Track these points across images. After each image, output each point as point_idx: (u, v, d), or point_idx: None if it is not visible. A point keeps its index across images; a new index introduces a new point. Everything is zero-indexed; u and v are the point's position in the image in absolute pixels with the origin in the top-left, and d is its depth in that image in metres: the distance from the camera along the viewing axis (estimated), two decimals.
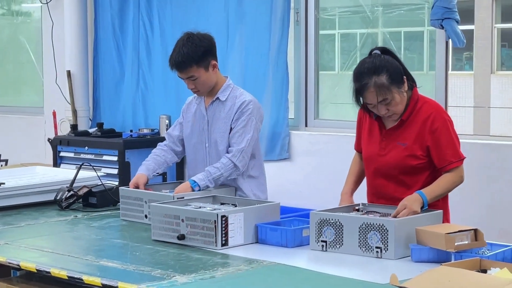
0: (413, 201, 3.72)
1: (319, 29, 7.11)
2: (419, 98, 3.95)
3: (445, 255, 3.26)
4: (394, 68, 3.84)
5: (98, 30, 8.11)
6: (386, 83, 3.79)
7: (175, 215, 3.75)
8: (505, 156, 5.77)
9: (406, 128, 3.92)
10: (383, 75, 3.79)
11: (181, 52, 4.41)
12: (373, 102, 3.83)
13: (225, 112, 4.55)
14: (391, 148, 3.95)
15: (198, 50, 4.42)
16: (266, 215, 3.83)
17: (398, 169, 3.92)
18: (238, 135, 4.49)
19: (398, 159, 3.92)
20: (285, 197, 6.41)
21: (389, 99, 3.82)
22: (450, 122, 3.94)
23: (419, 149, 3.89)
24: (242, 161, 4.48)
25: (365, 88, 3.80)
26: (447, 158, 3.88)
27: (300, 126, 6.99)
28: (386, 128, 3.98)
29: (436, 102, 4.08)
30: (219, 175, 4.42)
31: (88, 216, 4.50)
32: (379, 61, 3.83)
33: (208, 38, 4.52)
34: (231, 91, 4.59)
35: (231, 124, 4.52)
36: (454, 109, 17.53)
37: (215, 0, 7.26)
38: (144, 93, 7.82)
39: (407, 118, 3.92)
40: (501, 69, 19.61)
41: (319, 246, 3.58)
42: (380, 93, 3.79)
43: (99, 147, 7.19)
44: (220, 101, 4.57)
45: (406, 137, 3.92)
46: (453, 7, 5.64)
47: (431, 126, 3.88)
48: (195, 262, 3.42)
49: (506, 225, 5.73)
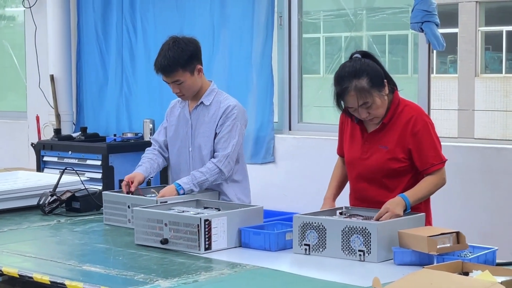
0: (396, 204, 3.72)
1: (303, 32, 7.13)
2: (400, 101, 3.96)
3: (427, 258, 3.26)
4: (375, 72, 3.85)
5: (81, 34, 8.10)
6: (367, 86, 3.80)
7: (158, 219, 3.75)
8: (489, 159, 5.79)
9: (387, 131, 3.93)
10: (364, 79, 3.80)
11: (167, 56, 4.40)
12: (353, 105, 3.84)
13: (209, 116, 4.55)
14: (373, 152, 3.95)
15: (184, 54, 4.42)
16: (249, 219, 3.83)
17: (381, 172, 3.93)
18: (223, 141, 4.50)
19: (380, 163, 3.93)
20: (270, 200, 6.43)
21: (370, 103, 3.82)
22: (431, 124, 3.95)
23: (401, 152, 3.91)
24: (227, 166, 4.49)
25: (345, 92, 3.81)
26: (429, 161, 3.89)
27: (284, 129, 7.00)
28: (367, 132, 3.99)
29: (417, 105, 4.09)
30: (204, 179, 4.42)
31: (71, 220, 4.48)
32: (359, 65, 3.84)
33: (194, 42, 4.52)
34: (215, 96, 4.59)
35: (216, 129, 4.52)
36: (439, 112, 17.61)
37: (198, 4, 7.26)
38: (127, 97, 7.81)
39: (388, 121, 3.93)
40: (485, 72, 19.70)
41: (302, 250, 3.58)
42: (360, 97, 3.80)
43: (82, 151, 7.17)
44: (204, 105, 4.57)
45: (387, 140, 3.93)
46: (433, 10, 5.65)
47: (412, 129, 3.89)
48: (178, 266, 3.41)
49: (489, 228, 5.75)
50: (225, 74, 7.03)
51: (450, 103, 18.70)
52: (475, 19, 19.29)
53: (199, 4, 7.26)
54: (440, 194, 4.15)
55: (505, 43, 19.45)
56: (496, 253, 3.32)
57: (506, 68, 19.70)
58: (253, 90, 6.94)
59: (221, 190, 4.56)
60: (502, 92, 18.82)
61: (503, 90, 18.83)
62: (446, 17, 18.65)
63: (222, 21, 7.11)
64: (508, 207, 5.66)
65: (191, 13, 7.31)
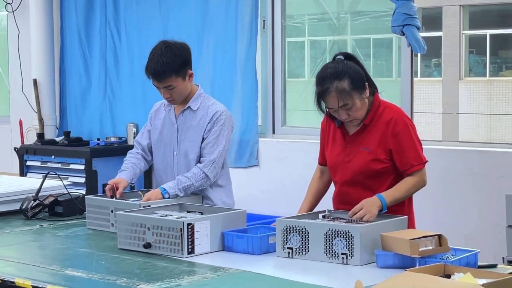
0: (371, 203, 3.74)
1: (287, 36, 7.14)
2: (381, 103, 3.98)
3: (409, 260, 3.27)
4: (356, 74, 3.86)
5: (64, 38, 8.07)
6: (348, 88, 3.81)
7: (141, 223, 3.74)
8: (473, 162, 5.81)
9: (368, 133, 3.95)
10: (345, 81, 3.82)
11: (160, 61, 4.38)
12: (334, 106, 3.85)
13: (196, 121, 4.55)
14: (355, 154, 3.96)
15: (178, 59, 4.41)
16: (232, 223, 3.83)
17: (363, 174, 3.94)
18: (210, 146, 4.50)
19: (362, 164, 3.93)
20: (253, 204, 6.43)
21: (350, 105, 3.84)
22: (411, 125, 3.97)
23: (382, 153, 3.92)
24: (213, 171, 4.50)
25: (326, 93, 3.83)
26: (409, 161, 3.91)
27: (268, 133, 7.01)
28: (349, 135, 4.00)
29: (398, 106, 4.10)
30: (189, 184, 4.42)
31: (54, 225, 4.47)
32: (341, 67, 3.85)
33: (186, 48, 4.52)
34: (202, 100, 4.59)
35: (203, 134, 4.52)
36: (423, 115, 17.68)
37: (182, 7, 7.26)
38: (111, 101, 7.80)
39: (369, 122, 3.94)
40: (469, 76, 19.77)
41: (285, 253, 3.58)
42: (341, 98, 3.81)
43: (66, 155, 7.15)
44: (191, 110, 4.57)
45: (369, 142, 3.94)
46: (414, 13, 5.66)
47: (393, 130, 3.91)
48: (161, 270, 3.40)
49: (471, 231, 5.77)
50: (209, 77, 7.03)
51: (434, 107, 18.77)
52: (459, 23, 19.36)
53: (183, 8, 7.26)
54: (424, 197, 4.17)
55: (489, 47, 19.53)
56: (478, 255, 3.33)
57: (490, 71, 19.78)
58: (237, 93, 6.94)
59: (205, 195, 4.56)
60: (486, 95, 18.89)
61: (487, 93, 18.90)
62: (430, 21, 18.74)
63: (206, 25, 7.11)
64: (490, 210, 5.68)
65: (175, 17, 7.31)
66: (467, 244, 5.34)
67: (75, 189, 5.05)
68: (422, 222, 4.27)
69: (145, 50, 7.41)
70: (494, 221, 5.59)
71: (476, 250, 3.35)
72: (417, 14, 5.68)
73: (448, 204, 5.88)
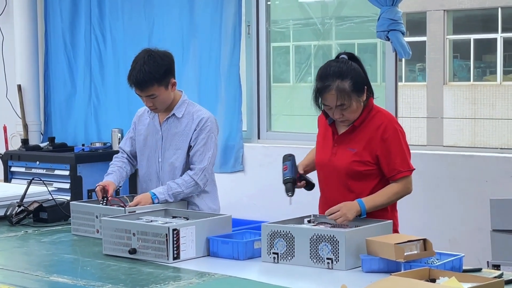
0: (349, 208, 3.76)
1: (272, 41, 7.15)
2: (373, 107, 4.00)
3: (395, 265, 3.28)
4: (358, 77, 3.89)
5: (49, 44, 8.06)
6: (348, 89, 3.84)
7: (126, 229, 3.73)
8: (457, 166, 5.83)
9: (357, 134, 3.96)
10: (347, 81, 3.84)
11: (143, 70, 4.38)
12: (331, 104, 3.86)
13: (181, 128, 4.55)
14: (341, 153, 3.97)
15: (160, 69, 4.41)
16: (218, 228, 3.83)
17: (346, 173, 3.94)
18: (199, 154, 4.51)
19: (346, 163, 3.94)
20: (239, 209, 6.43)
21: (347, 106, 3.86)
22: (401, 133, 3.98)
23: (368, 155, 3.92)
24: (203, 179, 4.52)
25: (327, 90, 3.84)
26: (396, 167, 3.91)
27: (253, 138, 7.01)
28: (338, 134, 4.01)
29: (390, 112, 4.12)
30: (179, 191, 4.45)
31: (39, 231, 4.45)
32: (346, 67, 3.87)
33: (169, 56, 4.51)
34: (186, 107, 4.59)
35: (190, 142, 4.53)
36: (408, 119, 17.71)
37: (167, 13, 7.25)
38: (96, 107, 7.78)
39: (359, 124, 3.95)
40: (453, 80, 19.83)
41: (271, 258, 3.58)
42: (340, 98, 3.83)
43: (50, 161, 7.13)
44: (176, 117, 4.57)
45: (356, 143, 3.95)
46: (399, 18, 5.69)
47: (382, 135, 3.92)
48: (147, 276, 3.40)
49: (456, 235, 5.79)
50: (194, 83, 7.03)
51: (418, 111, 18.82)
52: (443, 28, 19.43)
53: (167, 13, 7.25)
54: (408, 201, 4.17)
55: (473, 51, 19.60)
56: (463, 259, 3.34)
57: (474, 76, 19.86)
58: (221, 99, 6.94)
59: (190, 200, 4.57)
60: (470, 99, 18.96)
61: (471, 97, 18.97)
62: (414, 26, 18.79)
63: (191, 30, 7.11)
64: (475, 214, 5.70)
65: (161, 22, 7.31)
66: (452, 248, 5.35)
67: (60, 195, 5.04)
68: (406, 227, 4.28)
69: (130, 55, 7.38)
70: (479, 225, 5.61)
71: (461, 254, 3.36)
72: (402, 19, 5.72)
73: (433, 208, 5.90)
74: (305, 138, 6.66)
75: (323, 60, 7.82)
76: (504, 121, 18.05)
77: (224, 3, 6.88)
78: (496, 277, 3.16)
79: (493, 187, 5.63)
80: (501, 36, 19.06)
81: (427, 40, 19.31)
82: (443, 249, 3.56)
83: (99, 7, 7.69)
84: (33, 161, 7.26)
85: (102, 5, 7.69)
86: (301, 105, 7.80)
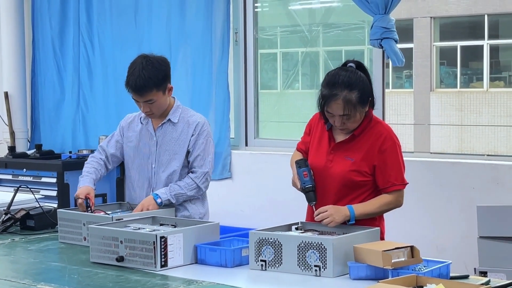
0: (338, 211, 3.78)
1: (259, 48, 7.16)
2: (373, 117, 4.00)
3: (382, 272, 3.28)
4: (366, 88, 3.88)
5: (36, 51, 8.04)
6: (355, 101, 3.83)
7: (113, 237, 3.73)
8: (444, 173, 5.84)
9: (356, 144, 3.95)
10: (355, 92, 3.83)
11: (142, 75, 4.38)
12: (335, 113, 3.86)
13: (177, 134, 4.56)
14: (338, 161, 3.96)
15: (159, 74, 4.42)
16: (205, 235, 3.82)
17: (341, 182, 3.93)
18: (199, 158, 4.54)
19: (343, 173, 3.93)
20: (227, 216, 6.42)
21: (351, 116, 3.86)
22: (399, 146, 3.98)
23: (366, 166, 3.92)
24: (205, 183, 4.56)
25: (334, 98, 3.83)
26: (390, 180, 3.92)
27: (241, 145, 7.01)
28: (335, 141, 4.01)
29: (388, 125, 4.11)
30: (182, 193, 4.48)
31: (26, 239, 4.44)
32: (355, 78, 3.86)
33: (166, 61, 4.53)
34: (181, 113, 4.61)
35: (188, 148, 4.54)
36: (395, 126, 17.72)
37: (156, 20, 7.24)
38: (84, 114, 7.76)
39: (359, 134, 3.95)
40: (440, 87, 19.90)
41: (259, 266, 3.58)
42: (346, 108, 3.82)
43: (37, 169, 7.10)
44: (171, 122, 4.58)
45: (355, 153, 3.94)
46: (392, 27, 5.72)
47: (380, 146, 3.92)
48: (134, 284, 3.39)
49: (443, 242, 5.80)
50: (183, 90, 7.01)
51: (406, 118, 18.87)
52: (430, 35, 19.51)
53: (156, 21, 7.24)
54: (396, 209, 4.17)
55: (459, 58, 19.69)
56: (450, 266, 3.35)
57: (461, 82, 19.94)
58: (211, 106, 6.94)
59: (182, 206, 4.56)
60: (457, 106, 19.03)
61: (458, 104, 19.04)
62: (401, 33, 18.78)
63: (179, 37, 7.10)
64: (462, 221, 5.71)
65: (149, 30, 7.29)
66: (439, 255, 5.37)
67: (47, 203, 5.02)
68: (394, 234, 4.28)
69: (119, 62, 7.40)
70: (466, 232, 5.62)
71: (448, 261, 3.37)
72: (394, 27, 5.74)
73: (420, 215, 5.91)
74: (293, 145, 6.62)
75: (310, 67, 7.86)
76: (490, 127, 18.12)
77: (212, 10, 6.88)
78: (483, 284, 3.16)
79: (480, 194, 5.65)
80: (487, 43, 19.15)
81: (414, 47, 19.39)
82: (431, 256, 3.57)
83: (87, 14, 7.67)
84: (20, 169, 7.24)
85: (90, 12, 7.67)
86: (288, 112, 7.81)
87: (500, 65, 19.90)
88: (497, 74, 19.74)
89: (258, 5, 7.12)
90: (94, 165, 4.68)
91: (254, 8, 6.99)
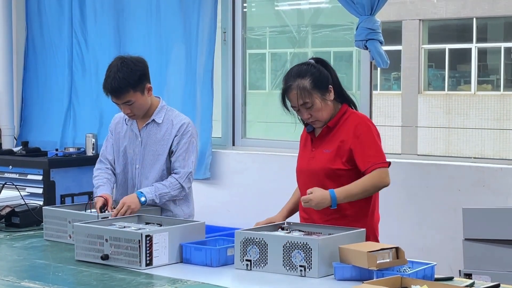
0: (320, 195, 3.79)
1: (248, 48, 7.15)
2: (348, 110, 4.05)
3: (367, 273, 3.29)
4: (320, 75, 3.97)
5: (30, 47, 8.00)
6: (308, 87, 3.93)
7: (98, 235, 3.72)
8: (431, 175, 5.85)
9: (332, 136, 4.00)
10: (307, 79, 3.94)
11: (117, 77, 4.38)
12: (295, 104, 3.96)
13: (161, 134, 4.56)
14: (318, 156, 4.02)
15: (134, 74, 4.41)
16: (191, 235, 3.82)
17: (323, 174, 3.96)
18: (181, 158, 4.53)
19: (322, 164, 3.98)
20: (213, 216, 6.41)
21: (310, 104, 3.94)
22: (375, 131, 4.00)
23: (343, 152, 3.95)
24: (188, 183, 4.55)
25: (289, 90, 3.96)
26: (370, 160, 3.91)
27: (228, 145, 7.00)
28: (315, 136, 4.07)
29: (364, 114, 4.15)
30: (166, 192, 4.47)
31: (11, 236, 4.42)
32: (306, 67, 3.98)
33: (142, 62, 4.52)
34: (166, 113, 4.60)
35: (171, 148, 4.54)
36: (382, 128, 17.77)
37: (143, 19, 7.21)
38: (75, 112, 7.73)
39: (333, 125, 4.00)
40: (428, 89, 19.94)
41: (244, 265, 3.58)
42: (301, 96, 3.92)
43: (23, 166, 7.07)
44: (156, 123, 4.57)
45: (331, 144, 3.99)
46: (377, 28, 5.72)
47: (355, 132, 3.96)
48: (119, 282, 3.39)
49: (428, 243, 5.81)
50: (169, 89, 7.00)
51: (393, 120, 18.90)
52: (419, 37, 19.54)
53: (143, 19, 7.21)
54: (381, 209, 4.19)
55: (447, 61, 19.73)
56: (435, 268, 3.35)
57: (449, 85, 19.98)
58: (197, 106, 6.92)
59: (167, 207, 4.56)
60: (444, 109, 19.07)
61: (446, 107, 19.08)
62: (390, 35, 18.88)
63: (167, 36, 7.08)
64: (447, 222, 5.72)
65: (136, 29, 7.26)
66: (424, 257, 5.37)
67: (33, 200, 5.01)
68: (379, 234, 4.28)
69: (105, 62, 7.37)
70: (451, 234, 5.63)
71: (433, 263, 3.38)
72: (380, 29, 5.74)
73: (406, 216, 5.92)
74: (280, 145, 6.67)
75: None
76: (477, 130, 18.17)
77: (200, 9, 6.86)
78: (468, 286, 3.17)
79: (466, 196, 5.66)
80: (475, 46, 19.19)
81: (402, 49, 19.41)
82: (416, 257, 3.57)
83: (81, 12, 7.63)
84: (5, 166, 7.21)
85: (83, 10, 7.62)
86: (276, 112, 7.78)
87: (488, 68, 19.96)
88: (485, 77, 19.79)
89: (247, 5, 7.11)
90: (104, 175, 4.67)
91: (243, 8, 6.98)
